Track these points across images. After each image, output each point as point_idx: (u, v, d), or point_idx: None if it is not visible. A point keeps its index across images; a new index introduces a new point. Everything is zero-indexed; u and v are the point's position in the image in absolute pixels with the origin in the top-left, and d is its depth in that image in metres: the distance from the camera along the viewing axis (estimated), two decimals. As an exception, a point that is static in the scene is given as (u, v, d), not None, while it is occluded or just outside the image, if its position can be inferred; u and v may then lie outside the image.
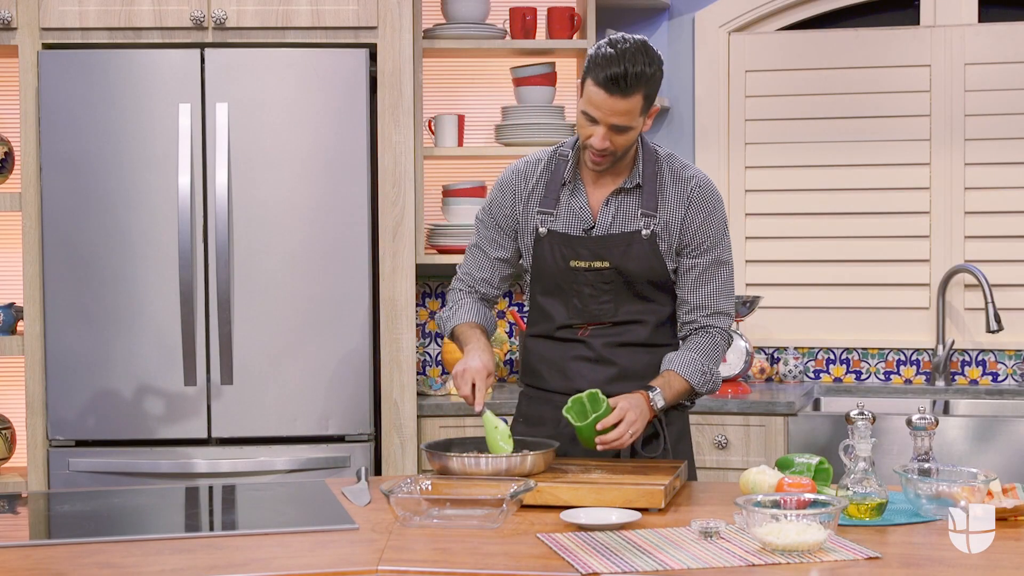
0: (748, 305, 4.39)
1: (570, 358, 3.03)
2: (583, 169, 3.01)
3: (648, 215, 2.96)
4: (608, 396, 2.92)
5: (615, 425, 2.78)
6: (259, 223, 3.91)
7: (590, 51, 2.83)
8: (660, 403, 2.89)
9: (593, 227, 2.98)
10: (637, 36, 2.83)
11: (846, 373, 4.64)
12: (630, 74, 2.76)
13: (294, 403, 3.93)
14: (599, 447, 2.79)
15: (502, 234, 3.09)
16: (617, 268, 2.96)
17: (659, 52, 2.84)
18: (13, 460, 4.17)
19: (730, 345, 3.08)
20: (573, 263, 2.98)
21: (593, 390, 2.84)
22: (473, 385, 2.85)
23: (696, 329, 3.02)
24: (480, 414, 2.82)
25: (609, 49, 2.78)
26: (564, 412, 2.82)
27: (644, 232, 2.95)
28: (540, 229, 3.01)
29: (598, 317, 3.00)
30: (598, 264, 2.96)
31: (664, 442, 3.01)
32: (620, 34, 2.84)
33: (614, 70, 2.75)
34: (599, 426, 2.77)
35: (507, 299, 4.67)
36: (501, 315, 4.67)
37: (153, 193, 3.90)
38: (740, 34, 4.66)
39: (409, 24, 4.00)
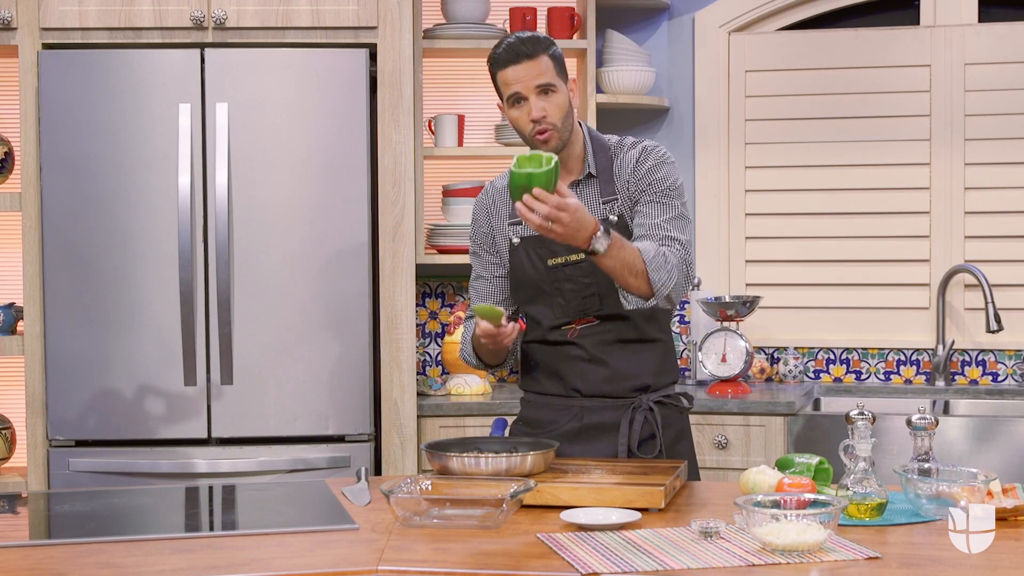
0: (748, 305, 4.38)
1: (563, 360, 3.04)
2: None
3: (609, 200, 2.99)
4: (604, 397, 3.00)
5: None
6: (259, 223, 3.91)
7: (490, 57, 2.98)
8: (602, 244, 2.74)
9: None
10: None
11: (846, 373, 4.63)
12: (524, 42, 2.93)
13: (294, 403, 3.93)
14: (518, 205, 2.66)
15: (492, 253, 3.13)
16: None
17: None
18: (13, 460, 4.16)
19: (688, 274, 2.91)
20: (551, 261, 3.00)
21: (556, 159, 2.67)
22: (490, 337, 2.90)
23: None
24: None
25: (501, 43, 2.98)
26: (524, 158, 2.66)
27: (611, 218, 2.98)
28: (513, 239, 3.05)
29: (585, 313, 3.00)
30: (574, 258, 2.98)
31: (659, 444, 3.01)
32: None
33: (512, 47, 2.93)
34: (535, 192, 2.64)
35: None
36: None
37: (153, 193, 3.90)
38: (740, 34, 4.66)
39: (409, 24, 4.00)
